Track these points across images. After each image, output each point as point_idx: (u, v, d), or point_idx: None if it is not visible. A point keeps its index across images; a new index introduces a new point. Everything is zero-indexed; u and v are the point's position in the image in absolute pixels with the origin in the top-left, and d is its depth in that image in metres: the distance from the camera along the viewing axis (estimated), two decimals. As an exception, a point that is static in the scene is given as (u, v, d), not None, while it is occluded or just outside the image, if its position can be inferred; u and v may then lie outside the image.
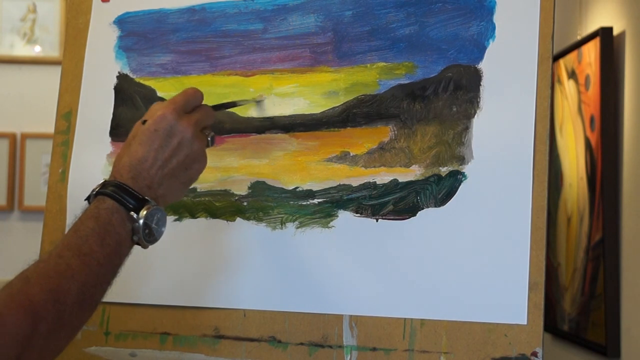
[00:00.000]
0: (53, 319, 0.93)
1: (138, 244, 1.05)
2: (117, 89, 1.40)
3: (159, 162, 1.07)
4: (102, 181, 1.07)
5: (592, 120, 2.48)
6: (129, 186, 1.05)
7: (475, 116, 1.17)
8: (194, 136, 1.10)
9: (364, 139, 1.23)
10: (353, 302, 1.19)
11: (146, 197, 1.05)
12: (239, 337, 1.24)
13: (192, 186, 1.30)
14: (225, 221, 1.29)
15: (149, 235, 1.05)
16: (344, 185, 1.23)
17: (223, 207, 1.29)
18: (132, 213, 1.03)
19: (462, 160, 1.17)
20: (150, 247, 1.09)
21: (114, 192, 1.04)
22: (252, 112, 1.30)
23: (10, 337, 0.89)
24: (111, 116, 1.40)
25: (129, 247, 1.05)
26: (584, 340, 2.56)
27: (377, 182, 1.21)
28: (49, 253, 0.99)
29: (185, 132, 1.09)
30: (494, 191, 1.14)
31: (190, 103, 1.12)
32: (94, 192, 1.05)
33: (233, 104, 1.28)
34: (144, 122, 1.10)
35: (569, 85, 2.70)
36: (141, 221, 1.04)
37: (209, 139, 1.14)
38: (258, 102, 1.29)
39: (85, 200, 1.06)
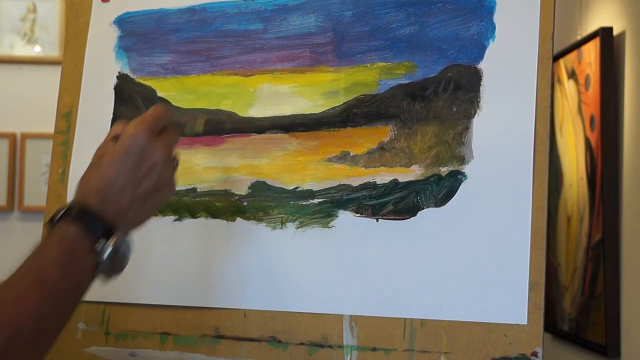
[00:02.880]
0: (7, 351, 0.86)
1: (103, 273, 0.98)
2: (117, 89, 1.40)
3: (129, 184, 1.00)
4: (67, 203, 0.99)
5: (592, 120, 2.48)
6: (95, 212, 0.97)
7: (475, 116, 1.17)
8: (165, 160, 1.03)
9: (364, 139, 1.23)
10: (353, 302, 1.19)
11: (114, 225, 0.97)
12: (239, 337, 1.24)
13: (192, 186, 1.30)
14: (225, 221, 1.29)
15: (113, 267, 0.98)
16: (344, 185, 1.23)
17: (223, 207, 1.29)
18: (98, 242, 0.96)
19: (462, 160, 1.17)
20: (151, 247, 1.08)
21: (80, 219, 0.96)
22: (252, 112, 1.30)
23: None
24: (111, 116, 1.40)
25: (91, 279, 0.97)
26: (584, 340, 2.56)
27: (377, 182, 1.21)
28: (6, 280, 0.91)
29: (158, 154, 1.02)
30: (494, 191, 1.14)
31: (160, 123, 1.05)
32: (59, 216, 0.97)
33: (178, 125, 1.24)
34: (114, 138, 1.03)
35: (569, 85, 2.70)
36: (107, 253, 0.96)
37: (175, 163, 1.08)
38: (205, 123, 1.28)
39: (49, 222, 0.98)
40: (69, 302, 0.95)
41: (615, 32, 2.42)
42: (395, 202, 1.19)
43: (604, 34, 2.42)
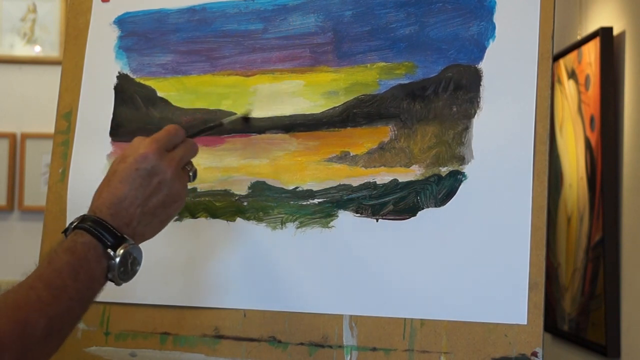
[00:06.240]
0: (18, 351, 0.92)
1: (112, 281, 1.04)
2: (117, 89, 1.40)
3: (138, 201, 1.06)
4: (80, 215, 1.05)
5: (592, 120, 2.48)
6: (107, 222, 1.04)
7: (475, 116, 1.17)
8: (174, 176, 1.09)
9: (364, 139, 1.23)
10: (353, 302, 1.19)
11: (124, 235, 1.04)
12: (239, 337, 1.24)
13: (192, 186, 1.30)
14: (225, 221, 1.29)
15: (123, 274, 1.04)
16: (344, 185, 1.23)
17: (223, 207, 1.29)
18: (109, 250, 1.02)
19: (462, 160, 1.17)
20: (151, 247, 1.09)
21: (92, 228, 1.03)
22: (252, 112, 1.30)
23: None
24: (111, 116, 1.40)
25: (102, 284, 1.04)
26: (584, 340, 2.56)
27: (377, 182, 1.21)
28: (20, 283, 0.97)
29: (166, 173, 1.08)
30: (494, 191, 1.14)
31: (172, 141, 1.12)
32: (72, 226, 1.04)
33: (220, 125, 1.26)
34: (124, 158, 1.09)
35: (569, 85, 2.70)
36: (117, 259, 1.02)
37: (190, 174, 1.14)
38: (244, 118, 1.29)
39: (63, 232, 1.05)
40: (79, 306, 1.01)
41: (615, 32, 2.42)
42: (395, 202, 1.19)
43: (604, 34, 2.42)
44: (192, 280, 1.29)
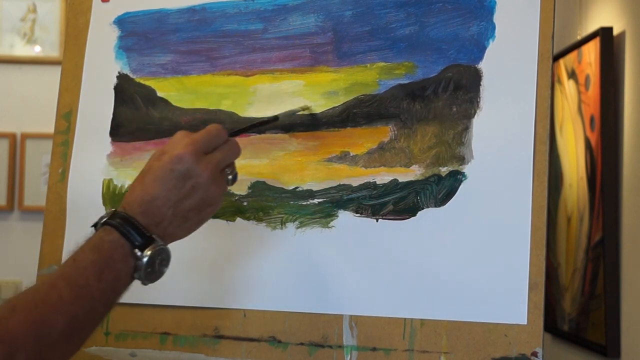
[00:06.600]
0: (32, 352, 0.89)
1: (139, 280, 1.02)
2: (117, 89, 1.40)
3: (170, 202, 1.03)
4: (111, 210, 1.03)
5: (592, 120, 2.48)
6: (137, 221, 1.01)
7: (475, 116, 1.17)
8: (210, 180, 1.05)
9: (364, 139, 1.23)
10: (353, 302, 1.19)
11: (153, 235, 1.01)
12: (239, 337, 1.24)
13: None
14: (225, 221, 1.29)
15: (150, 274, 1.02)
16: (344, 185, 1.23)
17: (223, 207, 1.29)
18: (136, 251, 1.00)
19: (462, 160, 1.17)
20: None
21: (121, 225, 1.00)
22: (252, 112, 1.30)
23: None
24: (111, 116, 1.40)
25: (127, 284, 1.01)
26: (584, 340, 2.56)
27: (377, 182, 1.21)
28: (42, 280, 0.95)
29: (201, 176, 1.05)
30: (494, 191, 1.14)
31: (212, 143, 1.08)
32: (102, 221, 1.02)
33: (275, 119, 1.23)
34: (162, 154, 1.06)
35: (569, 85, 2.70)
36: (145, 259, 1.00)
37: (230, 177, 1.10)
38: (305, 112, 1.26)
39: (92, 226, 1.03)
40: (102, 305, 0.99)
41: (615, 32, 2.42)
42: (395, 202, 1.19)
43: (604, 34, 2.42)
44: (192, 280, 1.29)
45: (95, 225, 1.02)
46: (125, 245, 1.00)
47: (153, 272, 1.02)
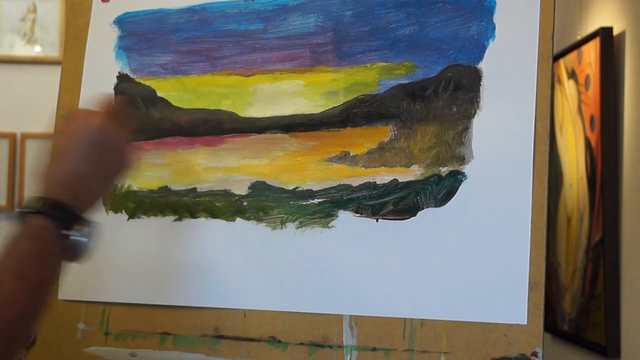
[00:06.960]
0: None
1: (70, 260, 1.02)
2: (117, 89, 1.40)
3: (89, 171, 1.04)
4: (32, 197, 1.02)
5: (592, 120, 2.48)
6: (63, 202, 1.01)
7: (475, 116, 1.17)
8: (118, 137, 1.07)
9: (364, 139, 1.23)
10: (353, 302, 1.19)
11: (81, 213, 1.02)
12: (239, 337, 1.24)
13: (192, 186, 1.30)
14: (225, 221, 1.29)
15: (81, 252, 1.02)
16: (344, 185, 1.23)
17: (223, 207, 1.29)
18: (64, 230, 1.00)
19: (462, 160, 1.17)
20: (151, 247, 1.08)
21: (49, 211, 1.00)
22: (252, 112, 1.30)
23: None
24: (111, 116, 1.39)
25: (61, 266, 1.01)
26: (584, 340, 2.56)
27: (377, 182, 1.21)
28: None
29: (109, 135, 1.06)
30: (494, 191, 1.14)
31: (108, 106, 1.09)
32: (24, 210, 1.01)
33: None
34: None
35: (569, 85, 2.70)
36: (75, 237, 1.00)
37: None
38: None
39: (17, 217, 1.02)
40: (46, 292, 0.99)
41: (615, 32, 2.42)
42: (395, 202, 1.19)
43: (604, 34, 2.42)
44: (192, 280, 1.29)
45: (20, 214, 1.01)
46: (54, 227, 0.99)
47: (83, 249, 1.02)
